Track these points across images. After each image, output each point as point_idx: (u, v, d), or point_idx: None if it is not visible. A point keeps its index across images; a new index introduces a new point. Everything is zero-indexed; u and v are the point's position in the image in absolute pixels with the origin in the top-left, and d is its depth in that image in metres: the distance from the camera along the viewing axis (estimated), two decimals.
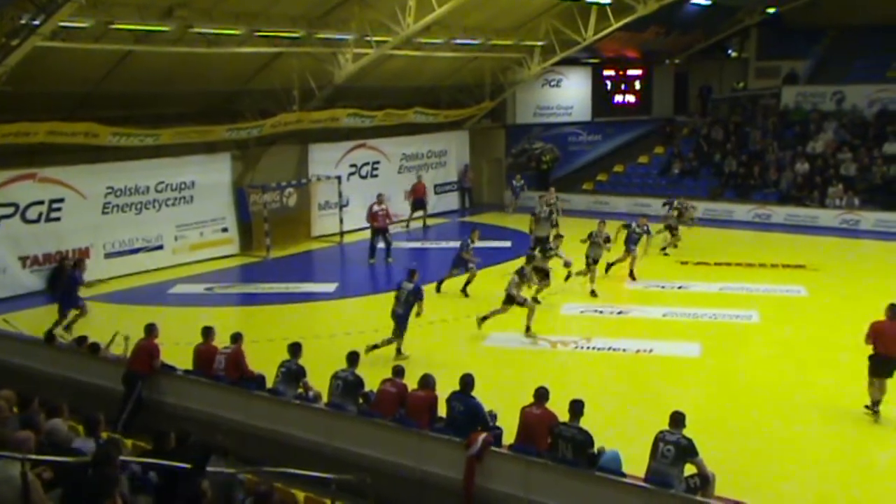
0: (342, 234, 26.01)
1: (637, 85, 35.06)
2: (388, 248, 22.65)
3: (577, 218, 26.89)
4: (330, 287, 20.72)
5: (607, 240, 19.68)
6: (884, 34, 31.27)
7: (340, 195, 26.33)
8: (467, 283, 18.97)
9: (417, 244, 26.16)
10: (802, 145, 30.61)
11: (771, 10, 33.41)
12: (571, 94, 34.01)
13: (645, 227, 20.98)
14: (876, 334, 11.93)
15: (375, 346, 14.32)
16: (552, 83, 33.45)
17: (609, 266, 20.38)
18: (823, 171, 29.17)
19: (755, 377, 14.16)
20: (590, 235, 19.42)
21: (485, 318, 16.00)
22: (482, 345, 15.67)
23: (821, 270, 21.41)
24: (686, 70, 36.80)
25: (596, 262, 19.23)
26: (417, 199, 28.51)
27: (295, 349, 11.45)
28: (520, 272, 16.31)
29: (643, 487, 8.57)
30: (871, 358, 11.98)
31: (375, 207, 22.81)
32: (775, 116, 32.59)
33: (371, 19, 22.00)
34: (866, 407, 12.08)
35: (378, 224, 22.69)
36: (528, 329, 15.91)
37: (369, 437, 10.22)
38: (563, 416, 9.24)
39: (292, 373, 11.23)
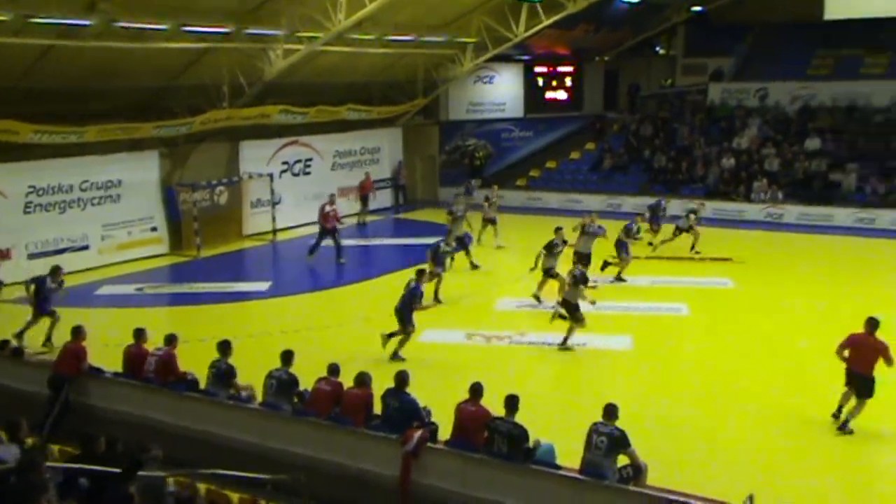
0: (275, 231, 25.79)
1: (568, 82, 35.53)
2: (338, 248, 22.42)
3: (512, 214, 27.10)
4: (263, 286, 20.49)
5: (600, 228, 19.20)
6: (804, 31, 32.17)
7: (272, 193, 26.07)
8: (436, 288, 18.64)
9: (353, 241, 25.96)
10: (728, 141, 31.33)
11: (697, 9, 34.14)
12: (504, 90, 34.27)
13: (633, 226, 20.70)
14: (850, 346, 11.52)
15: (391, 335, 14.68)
16: (485, 80, 33.64)
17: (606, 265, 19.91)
18: (748, 166, 29.92)
19: (686, 368, 14.48)
20: (582, 227, 19.13)
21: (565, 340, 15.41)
22: (417, 340, 15.61)
23: (747, 263, 21.93)
24: (616, 67, 37.39)
25: (584, 256, 18.71)
26: (364, 195, 28.48)
27: (224, 347, 11.21)
28: (578, 276, 15.61)
29: (577, 479, 8.67)
30: (846, 369, 11.68)
31: (327, 208, 22.54)
32: (702, 113, 33.32)
33: (301, 15, 21.76)
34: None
35: (329, 225, 22.48)
36: (564, 341, 15.26)
37: (304, 437, 10.12)
38: (499, 411, 9.28)
39: (222, 373, 11.03)
